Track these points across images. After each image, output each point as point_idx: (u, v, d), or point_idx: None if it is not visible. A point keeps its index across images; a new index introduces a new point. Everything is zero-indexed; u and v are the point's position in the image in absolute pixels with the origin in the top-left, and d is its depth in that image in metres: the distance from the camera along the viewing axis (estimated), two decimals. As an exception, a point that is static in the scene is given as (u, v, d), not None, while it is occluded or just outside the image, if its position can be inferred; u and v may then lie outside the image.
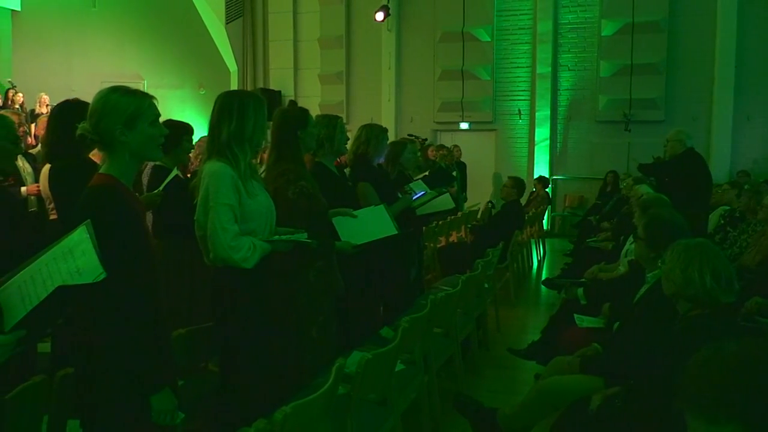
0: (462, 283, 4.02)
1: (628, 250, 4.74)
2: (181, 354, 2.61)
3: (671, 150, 5.90)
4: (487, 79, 12.16)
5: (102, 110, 1.99)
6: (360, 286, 3.71)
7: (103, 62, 13.21)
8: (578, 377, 3.05)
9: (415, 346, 3.30)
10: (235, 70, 13.57)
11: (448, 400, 3.72)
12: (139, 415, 1.99)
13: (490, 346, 5.13)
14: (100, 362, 1.96)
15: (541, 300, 7.14)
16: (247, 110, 2.53)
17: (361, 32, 12.90)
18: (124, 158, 2.02)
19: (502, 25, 12.15)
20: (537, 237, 9.46)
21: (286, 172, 3.08)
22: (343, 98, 13.03)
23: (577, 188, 12.05)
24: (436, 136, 12.55)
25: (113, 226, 1.91)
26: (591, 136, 11.87)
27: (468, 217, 8.44)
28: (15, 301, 1.70)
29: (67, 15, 13.53)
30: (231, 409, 2.55)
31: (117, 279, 1.82)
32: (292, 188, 3.04)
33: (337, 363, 2.32)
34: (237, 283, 2.48)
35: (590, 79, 11.80)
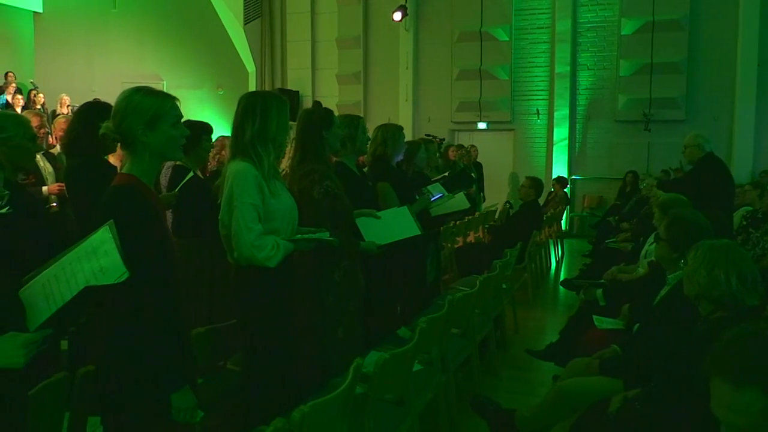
0: (480, 284, 4.00)
1: (648, 251, 4.69)
2: (201, 352, 2.63)
3: (690, 156, 5.72)
4: (505, 79, 12.11)
5: (125, 110, 2.01)
6: (380, 286, 3.71)
7: (123, 63, 13.34)
8: (597, 379, 3.03)
9: (432, 346, 3.29)
10: (253, 71, 13.63)
11: (466, 400, 3.72)
12: (159, 413, 2.00)
13: (507, 346, 5.11)
14: (121, 360, 1.98)
15: (559, 301, 7.09)
16: (270, 110, 2.54)
17: (379, 32, 12.90)
18: (145, 158, 2.04)
19: (521, 24, 12.09)
20: (555, 237, 9.39)
21: (311, 173, 3.09)
22: (360, 98, 13.04)
23: (596, 188, 11.95)
24: (454, 136, 12.52)
25: (135, 226, 1.92)
26: (610, 136, 11.76)
27: (485, 218, 8.41)
28: (39, 300, 1.72)
29: (88, 16, 13.69)
30: (251, 408, 2.56)
31: (138, 278, 1.84)
32: (317, 188, 3.05)
33: (354, 362, 2.32)
34: (260, 282, 2.49)
35: (609, 79, 11.70)
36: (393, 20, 12.02)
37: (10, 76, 11.82)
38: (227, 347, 2.89)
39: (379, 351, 2.96)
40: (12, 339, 1.55)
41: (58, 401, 2.16)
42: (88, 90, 12.42)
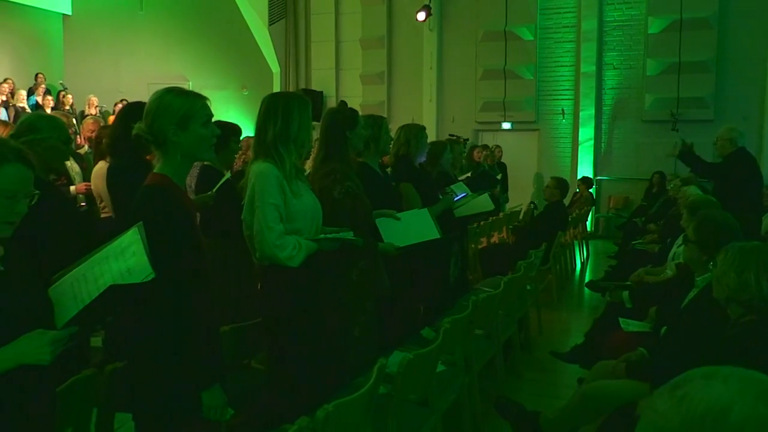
0: (504, 285, 3.98)
1: (676, 253, 4.62)
2: (227, 351, 2.65)
3: (721, 149, 5.61)
4: (530, 79, 12.02)
5: (156, 111, 2.03)
6: (404, 287, 3.71)
7: (150, 64, 13.52)
8: (624, 382, 2.99)
9: (456, 347, 3.28)
10: (277, 71, 13.72)
11: (489, 402, 3.70)
12: (190, 411, 2.02)
13: (531, 348, 5.07)
14: (154, 358, 2.01)
15: (584, 303, 7.02)
16: (292, 111, 2.56)
17: (403, 32, 12.90)
18: (177, 158, 2.06)
19: (546, 23, 11.99)
20: (580, 239, 9.30)
21: (332, 172, 3.10)
22: (384, 98, 13.05)
23: (622, 189, 11.81)
24: (478, 136, 12.46)
25: (166, 226, 1.95)
26: (637, 136, 11.61)
27: (510, 218, 8.36)
28: (67, 298, 1.74)
29: (116, 19, 13.89)
30: (275, 406, 2.58)
31: (169, 277, 1.86)
32: (338, 188, 3.06)
33: (378, 363, 2.32)
34: (284, 281, 2.51)
35: (636, 78, 11.55)
36: (417, 20, 12.00)
37: (39, 78, 12.04)
38: (252, 346, 2.91)
39: (403, 351, 2.95)
40: (39, 336, 1.58)
41: (86, 397, 2.20)
42: (116, 91, 12.62)
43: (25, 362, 1.55)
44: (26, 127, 2.86)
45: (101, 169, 4.43)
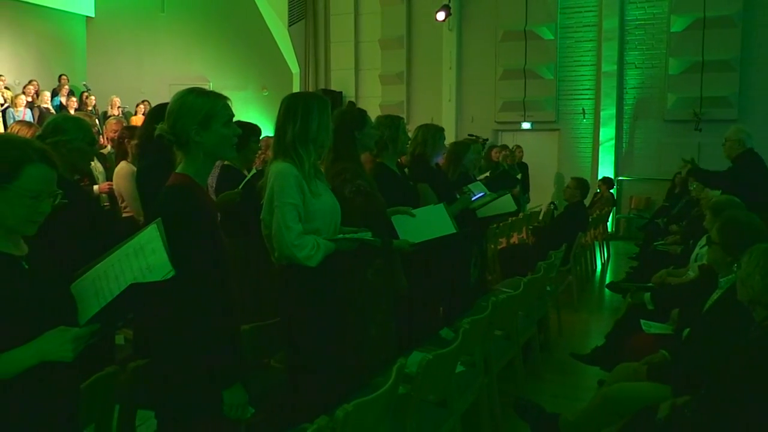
0: (524, 286, 3.95)
1: (699, 254, 4.57)
2: (247, 350, 2.66)
3: (729, 150, 5.53)
4: (550, 78, 11.94)
5: (178, 111, 2.05)
6: (422, 286, 3.71)
7: (171, 65, 13.65)
8: (645, 385, 2.96)
9: (475, 347, 3.27)
10: (297, 72, 13.78)
11: (508, 403, 3.68)
12: (211, 409, 2.04)
13: (551, 350, 5.04)
14: (176, 356, 2.03)
15: (604, 304, 6.96)
16: (311, 111, 2.57)
17: (422, 32, 12.88)
18: (199, 158, 2.08)
19: (566, 22, 11.90)
20: (601, 239, 9.22)
21: (343, 171, 3.11)
22: (403, 98, 13.04)
23: (644, 190, 11.68)
24: (498, 136, 12.41)
25: (188, 225, 1.97)
26: (659, 136, 11.48)
27: (529, 219, 8.31)
28: (89, 295, 1.76)
29: (138, 20, 14.05)
30: (294, 405, 2.59)
31: (192, 276, 1.88)
32: (349, 187, 3.07)
33: (397, 363, 2.32)
34: (301, 280, 2.52)
35: (658, 77, 11.42)
36: (436, 20, 11.99)
37: (63, 79, 12.22)
38: (272, 345, 2.93)
39: (422, 351, 2.95)
40: (62, 333, 1.60)
41: (108, 394, 2.22)
42: (138, 92, 12.76)
43: (48, 359, 1.58)
44: (52, 128, 2.90)
45: (122, 168, 4.49)
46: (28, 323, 1.60)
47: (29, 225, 1.65)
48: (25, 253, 1.69)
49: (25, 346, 1.57)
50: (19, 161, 1.61)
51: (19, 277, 1.64)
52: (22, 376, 1.56)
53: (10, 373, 1.54)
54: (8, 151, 1.62)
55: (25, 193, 1.62)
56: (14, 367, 1.55)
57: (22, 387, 1.58)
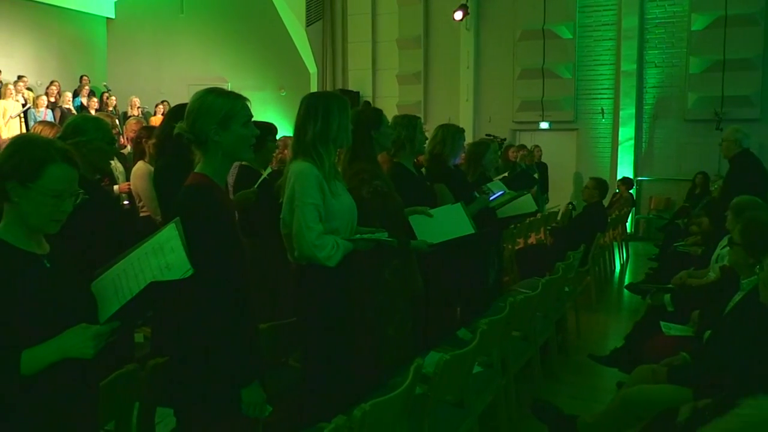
0: (542, 286, 3.93)
1: (720, 255, 4.51)
2: (264, 348, 2.68)
3: (726, 151, 5.53)
4: (569, 78, 11.86)
5: (198, 110, 2.07)
6: (439, 287, 3.70)
7: (190, 66, 13.75)
8: (665, 387, 2.93)
9: (493, 348, 3.26)
10: (314, 72, 13.82)
11: (526, 404, 3.66)
12: (230, 407, 2.05)
13: (569, 351, 5.01)
14: (194, 355, 2.04)
15: (623, 305, 6.90)
16: (331, 111, 2.57)
17: (440, 32, 12.86)
18: (218, 157, 2.09)
19: (585, 21, 11.82)
20: (620, 240, 9.15)
21: (360, 172, 3.11)
22: (421, 98, 13.03)
23: (664, 190, 11.56)
24: (515, 136, 12.35)
25: (207, 225, 1.98)
26: (679, 136, 11.36)
27: (548, 219, 8.26)
28: (109, 293, 1.78)
29: (157, 21, 14.18)
30: (311, 404, 2.60)
31: (210, 275, 1.89)
32: (366, 187, 3.06)
33: (415, 363, 2.31)
34: (320, 280, 2.52)
35: (679, 76, 11.30)
36: (454, 20, 11.96)
37: (84, 80, 12.35)
38: (289, 344, 2.94)
39: (439, 352, 2.95)
40: (83, 330, 1.62)
41: (128, 392, 2.25)
42: (157, 92, 12.88)
43: (69, 355, 1.60)
44: (72, 129, 2.93)
45: (140, 168, 4.53)
46: (49, 321, 1.62)
47: (51, 224, 1.67)
48: (47, 251, 1.72)
49: (47, 343, 1.59)
50: (42, 161, 1.64)
51: (41, 276, 1.66)
52: (44, 372, 1.58)
53: (33, 369, 1.56)
54: (31, 150, 1.64)
55: (48, 192, 1.64)
56: (37, 363, 1.57)
57: (44, 383, 1.60)
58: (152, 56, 14.01)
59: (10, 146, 1.68)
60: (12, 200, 1.63)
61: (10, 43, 12.43)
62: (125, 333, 2.92)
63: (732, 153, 5.48)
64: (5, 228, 1.66)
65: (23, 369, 1.55)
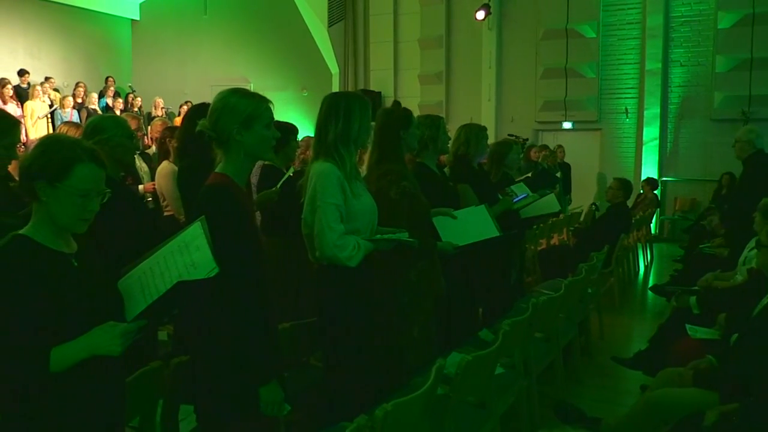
0: (565, 287, 3.90)
1: (747, 258, 4.44)
2: (286, 348, 2.69)
3: (739, 152, 5.39)
4: (592, 77, 11.75)
5: (222, 109, 2.08)
6: (461, 287, 3.69)
7: (213, 67, 13.88)
8: (691, 391, 2.89)
9: (515, 349, 3.24)
10: (336, 72, 13.86)
11: (548, 406, 3.64)
12: (248, 405, 2.06)
13: (592, 353, 4.96)
14: (213, 353, 2.05)
15: (647, 307, 6.82)
16: (352, 112, 2.57)
17: (462, 32, 12.81)
18: (239, 157, 2.11)
19: (609, 20, 11.69)
20: (644, 241, 9.04)
21: (388, 173, 3.10)
22: (442, 98, 13.00)
23: (689, 191, 11.40)
24: (538, 136, 12.26)
25: (226, 224, 1.99)
26: (705, 136, 11.18)
27: (570, 220, 8.19)
28: (135, 291, 1.80)
29: (181, 23, 14.33)
30: (333, 404, 2.60)
31: (228, 274, 1.90)
32: (394, 188, 3.06)
33: (436, 363, 2.31)
34: (341, 280, 2.52)
35: (705, 75, 11.12)
36: (476, 19, 11.92)
37: (109, 81, 12.54)
38: (311, 343, 2.95)
39: (461, 352, 2.94)
40: (111, 328, 1.65)
41: (153, 388, 2.27)
42: (181, 93, 13.02)
43: (97, 353, 1.62)
44: (92, 129, 2.97)
45: (164, 168, 4.57)
46: (77, 319, 1.64)
47: (79, 223, 1.70)
48: (74, 250, 1.74)
49: (75, 340, 1.61)
50: (70, 161, 1.66)
51: (69, 274, 1.69)
52: (72, 369, 1.61)
53: (62, 366, 1.59)
54: (59, 151, 1.67)
55: (75, 191, 1.66)
56: (66, 360, 1.59)
57: (73, 380, 1.63)
58: (176, 57, 14.17)
59: (38, 146, 1.71)
60: (41, 199, 1.66)
61: (37, 45, 12.65)
62: (150, 331, 2.96)
63: (746, 154, 5.37)
64: (34, 227, 1.68)
65: (52, 366, 1.57)
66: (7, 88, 10.28)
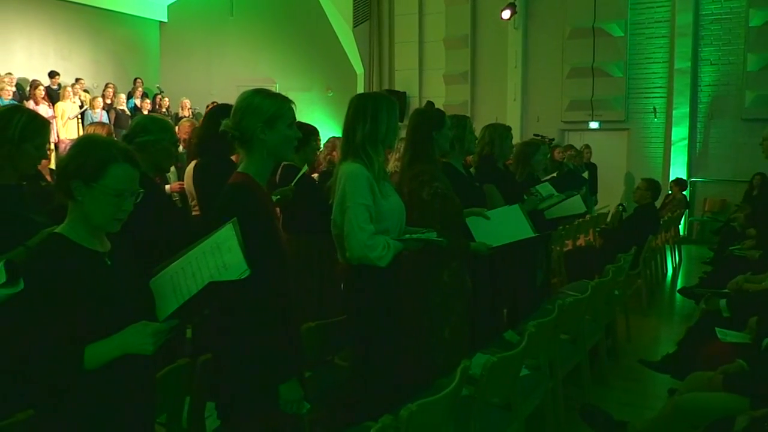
0: (591, 289, 3.86)
1: (780, 260, 4.35)
2: (310, 347, 2.70)
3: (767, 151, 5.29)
4: (620, 76, 11.60)
5: (245, 109, 2.10)
6: (486, 287, 3.67)
7: (239, 67, 14.00)
8: (720, 395, 2.85)
9: (540, 351, 3.22)
10: (361, 73, 13.89)
11: (574, 409, 3.61)
12: (268, 403, 2.07)
13: (619, 356, 4.90)
14: (234, 351, 2.07)
15: (675, 310, 6.72)
16: (380, 112, 2.58)
17: (487, 31, 12.75)
18: (262, 156, 2.12)
19: (637, 18, 11.54)
20: (672, 243, 8.91)
21: (420, 174, 3.10)
22: (467, 98, 12.95)
23: (719, 191, 11.20)
24: (564, 136, 12.16)
25: (249, 223, 2.00)
26: (736, 136, 10.98)
27: (597, 221, 8.10)
28: (167, 291, 1.82)
29: (208, 24, 14.49)
30: (357, 403, 2.61)
31: (252, 273, 1.91)
32: (426, 190, 3.06)
33: (461, 364, 2.30)
34: (369, 280, 2.53)
35: (735, 74, 10.92)
36: (501, 18, 11.85)
37: (138, 82, 12.72)
38: (336, 342, 2.96)
39: (486, 353, 2.93)
40: (144, 327, 1.67)
41: (180, 386, 2.30)
42: (207, 93, 13.16)
43: (130, 351, 1.65)
44: (141, 128, 3.01)
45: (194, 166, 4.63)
46: (111, 317, 1.67)
47: (113, 223, 1.73)
48: (108, 249, 1.77)
49: (109, 338, 1.64)
50: (105, 161, 1.69)
51: (103, 273, 1.72)
52: (105, 367, 1.63)
53: (96, 363, 1.62)
54: (95, 151, 1.70)
55: (110, 191, 1.69)
56: (99, 358, 1.62)
57: (106, 377, 1.65)
58: (203, 58, 14.33)
59: (74, 146, 1.75)
60: (76, 199, 1.69)
61: (68, 47, 12.90)
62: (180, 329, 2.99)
63: None
64: (70, 226, 1.72)
65: (86, 364, 1.60)
66: (39, 90, 10.50)
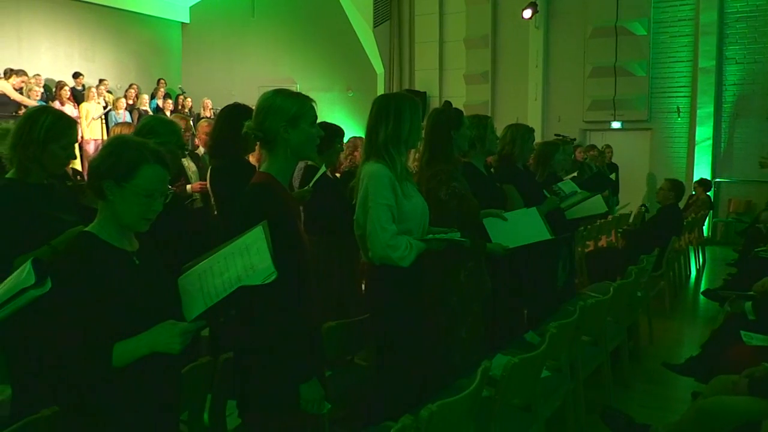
0: (614, 290, 3.82)
1: (807, 262, 4.27)
2: (330, 346, 2.71)
3: None
4: (642, 75, 11.47)
5: (268, 109, 2.11)
6: (507, 288, 3.65)
7: (260, 68, 14.10)
8: (745, 399, 2.81)
9: (561, 353, 3.20)
10: (381, 73, 13.90)
11: (595, 411, 3.57)
12: (289, 402, 2.08)
13: (641, 358, 4.85)
14: (256, 351, 2.08)
15: (699, 312, 6.63)
16: (403, 113, 2.58)
17: (508, 31, 12.69)
18: (285, 156, 2.13)
19: (660, 17, 11.40)
20: (696, 244, 8.79)
21: (438, 173, 3.10)
22: (488, 98, 12.89)
23: (744, 192, 11.03)
24: (586, 136, 12.05)
25: (272, 223, 2.01)
26: (762, 136, 10.79)
27: (619, 221, 8.03)
28: (194, 290, 1.83)
29: (229, 25, 14.61)
30: (378, 403, 2.61)
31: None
32: (444, 189, 3.06)
33: (482, 365, 2.29)
34: (391, 280, 2.53)
35: (762, 73, 10.74)
36: (523, 18, 11.78)
37: (161, 83, 12.86)
38: (356, 342, 2.96)
39: (506, 355, 2.91)
40: (171, 327, 1.69)
41: (201, 384, 2.32)
42: (228, 94, 13.25)
43: (157, 350, 1.67)
44: (148, 129, 3.05)
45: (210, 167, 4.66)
46: (139, 316, 1.69)
47: (143, 222, 1.75)
48: (136, 248, 1.79)
49: (137, 337, 1.66)
50: (136, 161, 1.71)
51: (131, 272, 1.74)
52: (132, 364, 1.65)
53: (124, 361, 1.64)
54: (126, 151, 1.73)
55: (141, 191, 1.71)
56: (127, 356, 1.65)
57: (133, 375, 1.68)
58: (224, 59, 14.45)
59: (106, 147, 1.77)
60: (108, 198, 1.71)
61: (92, 48, 13.08)
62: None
63: None
64: (100, 225, 1.74)
65: (115, 361, 1.62)
66: (65, 90, 10.66)
